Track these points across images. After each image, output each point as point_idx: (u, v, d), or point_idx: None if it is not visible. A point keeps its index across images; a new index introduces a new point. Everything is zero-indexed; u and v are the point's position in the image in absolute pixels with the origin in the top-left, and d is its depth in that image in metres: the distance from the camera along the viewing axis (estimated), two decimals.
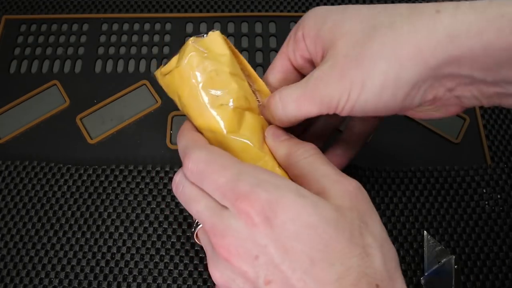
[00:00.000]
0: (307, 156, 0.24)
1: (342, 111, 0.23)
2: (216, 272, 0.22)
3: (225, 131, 0.25)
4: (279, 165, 0.26)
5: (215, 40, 0.26)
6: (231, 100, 0.25)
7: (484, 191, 0.35)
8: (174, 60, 0.26)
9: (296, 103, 0.24)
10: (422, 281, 0.31)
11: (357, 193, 0.22)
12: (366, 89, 0.22)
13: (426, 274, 0.32)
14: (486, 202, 0.35)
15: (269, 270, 0.20)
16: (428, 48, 0.21)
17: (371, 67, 0.22)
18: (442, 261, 0.32)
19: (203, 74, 0.25)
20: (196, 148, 0.23)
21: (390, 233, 0.33)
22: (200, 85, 0.25)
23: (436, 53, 0.21)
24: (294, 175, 0.24)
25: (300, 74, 0.28)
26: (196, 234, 0.25)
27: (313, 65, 0.27)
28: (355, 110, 0.23)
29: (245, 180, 0.21)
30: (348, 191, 0.22)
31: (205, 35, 0.26)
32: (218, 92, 0.25)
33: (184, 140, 0.25)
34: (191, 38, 0.25)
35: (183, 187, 0.24)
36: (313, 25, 0.25)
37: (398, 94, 0.22)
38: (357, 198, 0.22)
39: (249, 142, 0.25)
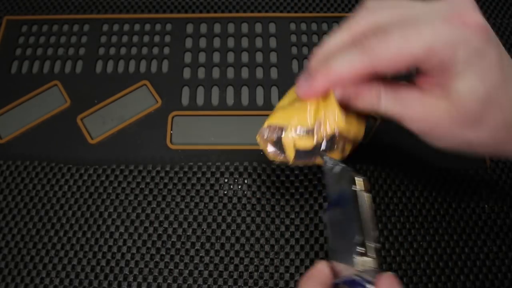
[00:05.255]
0: None
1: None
2: None
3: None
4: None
5: None
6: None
7: (483, 191, 0.35)
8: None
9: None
10: (324, 218, 0.26)
11: None
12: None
13: (328, 206, 0.26)
14: (486, 202, 0.35)
15: None
16: None
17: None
18: (342, 184, 0.25)
19: None
20: None
21: (390, 232, 0.33)
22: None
23: None
24: None
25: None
26: None
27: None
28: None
29: None
30: None
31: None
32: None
33: None
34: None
35: None
36: None
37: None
38: None
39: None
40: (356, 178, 0.25)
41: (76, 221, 0.34)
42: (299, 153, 0.27)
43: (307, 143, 0.27)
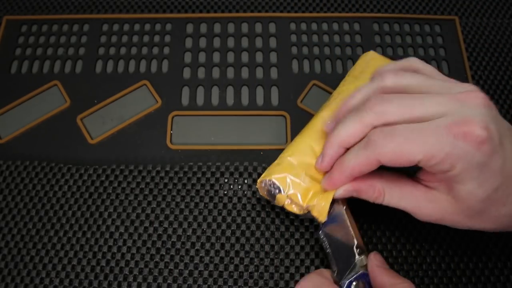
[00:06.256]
0: None
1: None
2: None
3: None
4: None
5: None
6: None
7: None
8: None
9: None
10: (321, 235, 0.30)
11: None
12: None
13: (322, 225, 0.30)
14: None
15: None
16: None
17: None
18: (333, 207, 0.30)
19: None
20: None
21: (391, 233, 0.33)
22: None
23: None
24: None
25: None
26: None
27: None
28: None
29: None
30: None
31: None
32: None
33: None
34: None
35: None
36: None
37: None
38: None
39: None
40: (340, 200, 0.31)
41: (76, 221, 0.34)
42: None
43: (294, 211, 0.31)
